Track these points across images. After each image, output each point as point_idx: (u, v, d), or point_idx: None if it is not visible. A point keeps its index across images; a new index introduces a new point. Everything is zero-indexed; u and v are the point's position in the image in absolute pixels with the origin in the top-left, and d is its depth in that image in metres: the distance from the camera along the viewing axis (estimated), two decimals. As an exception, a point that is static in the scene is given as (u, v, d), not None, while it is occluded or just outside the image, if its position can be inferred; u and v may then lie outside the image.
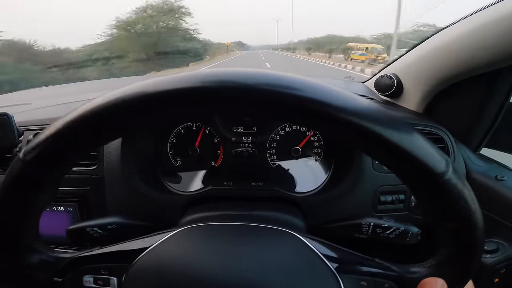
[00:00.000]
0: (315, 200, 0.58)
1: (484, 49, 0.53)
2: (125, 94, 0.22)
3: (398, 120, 0.23)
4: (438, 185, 0.23)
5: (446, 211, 0.24)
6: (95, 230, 0.46)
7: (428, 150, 0.23)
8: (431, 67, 0.67)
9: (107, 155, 0.57)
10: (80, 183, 0.57)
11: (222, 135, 0.64)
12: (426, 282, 0.26)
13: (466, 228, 0.24)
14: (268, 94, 0.22)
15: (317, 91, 0.22)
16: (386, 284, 0.29)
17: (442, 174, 0.22)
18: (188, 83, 0.22)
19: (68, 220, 0.59)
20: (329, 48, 22.89)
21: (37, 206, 0.27)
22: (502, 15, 0.49)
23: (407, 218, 0.60)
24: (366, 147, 0.24)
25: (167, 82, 0.22)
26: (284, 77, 0.23)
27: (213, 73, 0.23)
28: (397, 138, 0.22)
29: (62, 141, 0.23)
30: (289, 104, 0.22)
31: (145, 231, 0.51)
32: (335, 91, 0.23)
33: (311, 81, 0.23)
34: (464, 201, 0.23)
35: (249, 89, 0.22)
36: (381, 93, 0.82)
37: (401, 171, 0.24)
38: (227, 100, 0.23)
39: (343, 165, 0.60)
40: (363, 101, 0.23)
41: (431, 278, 0.27)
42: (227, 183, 0.60)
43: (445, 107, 0.71)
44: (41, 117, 0.64)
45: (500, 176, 0.61)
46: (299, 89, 0.22)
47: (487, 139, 0.69)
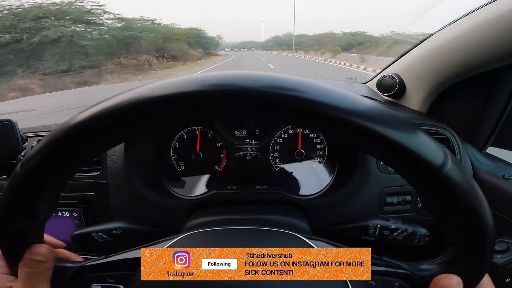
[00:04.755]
0: (320, 203, 0.58)
1: (484, 48, 0.53)
2: (121, 101, 0.22)
3: (394, 116, 0.23)
4: (438, 178, 0.22)
5: (449, 204, 0.23)
6: (100, 235, 0.45)
7: (426, 143, 0.22)
8: (432, 66, 0.67)
9: (111, 160, 0.57)
10: (84, 189, 0.57)
11: (225, 139, 0.63)
12: (441, 278, 0.26)
13: (473, 221, 0.24)
14: (273, 99, 0.22)
15: (313, 91, 0.22)
16: (396, 282, 0.28)
17: (441, 167, 0.22)
18: (187, 87, 0.22)
19: (73, 225, 0.59)
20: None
21: (39, 216, 0.27)
22: (501, 13, 0.49)
23: (414, 219, 0.59)
24: (364, 144, 0.24)
25: (166, 88, 0.22)
26: (284, 79, 0.23)
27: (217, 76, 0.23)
28: (392, 133, 0.22)
29: (56, 153, 0.23)
30: (287, 106, 0.22)
31: (150, 236, 0.51)
32: (322, 89, 0.22)
33: (306, 81, 0.23)
34: (466, 193, 0.23)
35: (250, 93, 0.22)
36: (384, 94, 0.81)
37: (399, 166, 0.24)
38: (234, 106, 0.23)
39: (348, 167, 0.59)
40: (360, 100, 0.23)
41: (446, 274, 0.26)
42: (231, 187, 0.60)
43: (449, 106, 0.70)
44: (45, 123, 0.65)
45: (507, 175, 0.60)
46: (294, 90, 0.22)
47: (492, 138, 0.69)
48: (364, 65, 12.05)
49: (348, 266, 0.27)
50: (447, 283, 0.25)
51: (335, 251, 0.27)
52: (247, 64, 17.78)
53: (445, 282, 0.25)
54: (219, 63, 19.53)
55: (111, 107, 0.22)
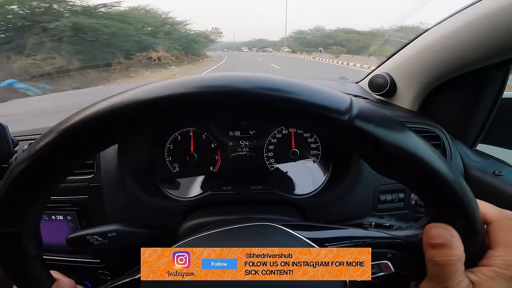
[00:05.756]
0: (315, 202, 0.58)
1: (472, 46, 0.54)
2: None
3: (292, 82, 0.23)
4: (351, 127, 0.22)
5: (381, 152, 0.23)
6: (95, 238, 0.45)
7: (325, 95, 0.22)
8: (422, 65, 0.68)
9: (104, 163, 0.56)
10: (77, 192, 0.56)
11: (219, 140, 0.63)
12: (430, 227, 0.25)
13: (418, 164, 0.23)
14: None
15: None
16: (388, 253, 0.28)
17: (344, 114, 0.22)
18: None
19: (67, 229, 0.58)
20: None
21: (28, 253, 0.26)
22: (487, 12, 0.50)
23: (408, 216, 0.60)
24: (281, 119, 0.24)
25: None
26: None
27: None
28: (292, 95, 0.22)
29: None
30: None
31: (146, 239, 0.51)
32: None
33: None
34: (391, 136, 0.22)
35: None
36: (375, 93, 0.82)
37: (309, 124, 0.24)
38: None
39: (341, 166, 0.60)
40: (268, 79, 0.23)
41: (435, 224, 0.25)
42: (226, 188, 0.60)
43: (439, 104, 0.71)
44: (36, 127, 0.64)
45: (498, 171, 0.62)
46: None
47: (482, 135, 0.70)
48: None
49: (348, 266, 0.27)
50: (436, 232, 0.24)
51: (335, 251, 0.27)
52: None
53: (435, 232, 0.24)
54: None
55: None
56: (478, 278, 0.24)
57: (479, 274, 0.24)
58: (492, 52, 0.52)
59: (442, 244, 0.24)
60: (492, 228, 0.26)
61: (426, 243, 0.25)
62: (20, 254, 0.26)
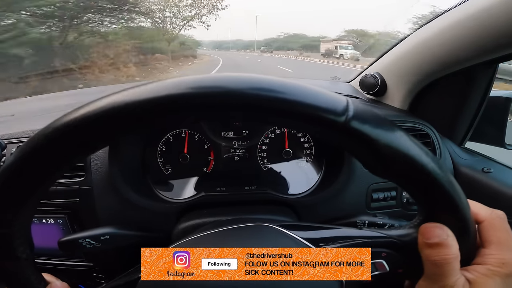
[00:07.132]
0: (309, 201, 0.59)
1: (458, 46, 0.55)
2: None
3: (284, 82, 0.23)
4: (343, 127, 0.22)
5: (373, 152, 0.23)
6: (88, 242, 0.44)
7: (322, 96, 0.22)
8: (411, 64, 0.69)
9: (95, 165, 0.55)
10: (68, 196, 0.55)
11: (212, 141, 0.63)
12: (425, 227, 0.25)
13: (411, 164, 0.23)
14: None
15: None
16: (382, 253, 0.28)
17: (340, 115, 0.22)
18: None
19: (59, 232, 0.56)
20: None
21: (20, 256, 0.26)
22: (474, 12, 0.50)
23: (400, 214, 0.61)
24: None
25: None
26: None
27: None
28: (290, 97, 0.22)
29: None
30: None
31: (139, 241, 0.50)
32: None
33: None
34: (383, 136, 0.22)
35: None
36: (366, 92, 0.83)
37: (306, 125, 0.24)
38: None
39: (334, 165, 0.61)
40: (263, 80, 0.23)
41: (429, 223, 0.25)
42: (220, 189, 0.60)
43: (428, 103, 0.73)
44: (23, 129, 0.62)
45: (486, 168, 0.63)
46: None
47: (470, 133, 0.71)
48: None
49: (348, 266, 0.27)
50: (432, 232, 0.25)
51: (335, 251, 0.27)
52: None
53: (431, 232, 0.25)
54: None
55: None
56: (473, 276, 0.25)
57: (474, 273, 0.25)
58: (478, 51, 0.53)
59: (438, 244, 0.24)
60: (484, 227, 0.27)
61: (422, 242, 0.25)
62: (12, 257, 0.26)
